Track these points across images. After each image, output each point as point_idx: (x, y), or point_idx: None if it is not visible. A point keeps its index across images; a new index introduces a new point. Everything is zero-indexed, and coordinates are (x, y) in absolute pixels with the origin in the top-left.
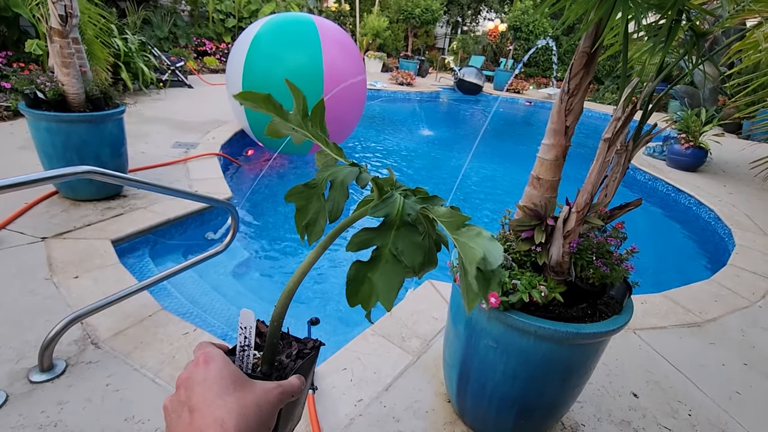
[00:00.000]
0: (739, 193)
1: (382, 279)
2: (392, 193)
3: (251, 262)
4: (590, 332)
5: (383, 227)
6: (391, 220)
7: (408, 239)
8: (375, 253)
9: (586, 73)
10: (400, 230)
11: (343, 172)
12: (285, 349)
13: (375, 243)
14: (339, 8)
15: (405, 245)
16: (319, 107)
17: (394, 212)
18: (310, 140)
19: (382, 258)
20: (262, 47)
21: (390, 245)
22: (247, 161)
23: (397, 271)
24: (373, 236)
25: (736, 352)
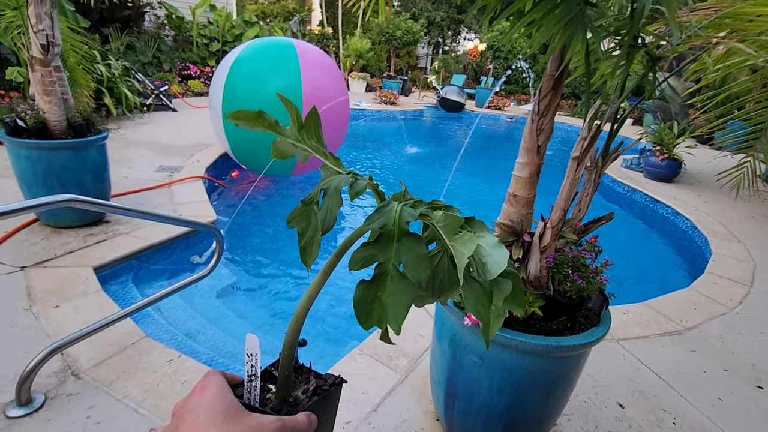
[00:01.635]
0: (714, 202)
1: (391, 299)
2: (389, 201)
3: (237, 286)
4: (570, 345)
5: (382, 240)
6: (389, 230)
7: (412, 252)
8: (378, 270)
9: (555, 94)
10: (402, 242)
11: (337, 179)
12: (302, 384)
13: (377, 259)
14: (322, 31)
15: (409, 259)
16: (311, 117)
17: (390, 221)
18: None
19: (387, 275)
20: (243, 71)
21: (393, 260)
22: (232, 183)
23: (404, 290)
24: (375, 251)
25: (717, 359)
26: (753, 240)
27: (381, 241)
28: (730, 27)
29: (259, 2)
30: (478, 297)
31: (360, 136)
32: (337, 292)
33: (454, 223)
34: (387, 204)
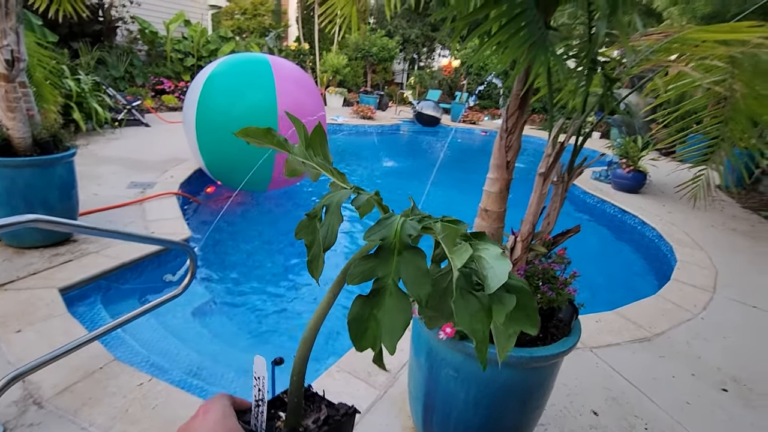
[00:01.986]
0: (677, 212)
1: (387, 316)
2: (391, 214)
3: (213, 304)
4: (543, 355)
5: (382, 253)
6: (390, 243)
7: (412, 266)
8: (377, 285)
9: (521, 112)
10: (403, 255)
11: (338, 195)
12: (312, 413)
13: (377, 273)
14: (299, 47)
15: (409, 273)
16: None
17: (391, 234)
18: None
19: (386, 291)
20: (217, 86)
21: (392, 274)
22: (207, 199)
23: (402, 307)
24: (374, 265)
25: (684, 364)
26: (714, 247)
27: (381, 255)
28: (679, 51)
29: (235, 18)
30: (475, 313)
31: (338, 150)
32: (317, 304)
33: (452, 233)
34: (389, 216)
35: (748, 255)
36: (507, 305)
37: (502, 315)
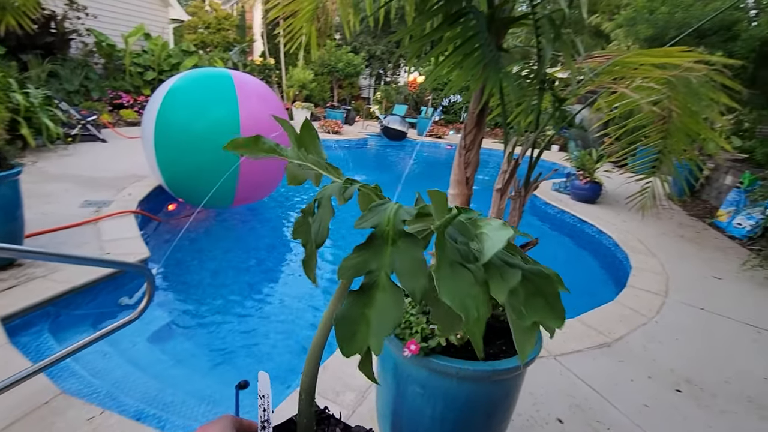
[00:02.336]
0: (631, 220)
1: (377, 312)
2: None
3: (174, 327)
4: (506, 368)
5: (375, 242)
6: (383, 231)
7: (407, 256)
8: (368, 279)
9: (478, 130)
10: (397, 245)
11: (330, 188)
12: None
13: (369, 266)
14: (264, 62)
15: (404, 265)
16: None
17: (384, 221)
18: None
19: (378, 285)
20: (177, 100)
21: (386, 266)
22: (168, 217)
23: (394, 302)
24: (367, 257)
25: (641, 367)
26: (665, 254)
27: (374, 245)
28: (620, 73)
29: (199, 32)
30: (466, 287)
31: None
32: (290, 327)
33: (441, 200)
34: (382, 203)
35: (695, 260)
36: (509, 280)
37: (503, 291)
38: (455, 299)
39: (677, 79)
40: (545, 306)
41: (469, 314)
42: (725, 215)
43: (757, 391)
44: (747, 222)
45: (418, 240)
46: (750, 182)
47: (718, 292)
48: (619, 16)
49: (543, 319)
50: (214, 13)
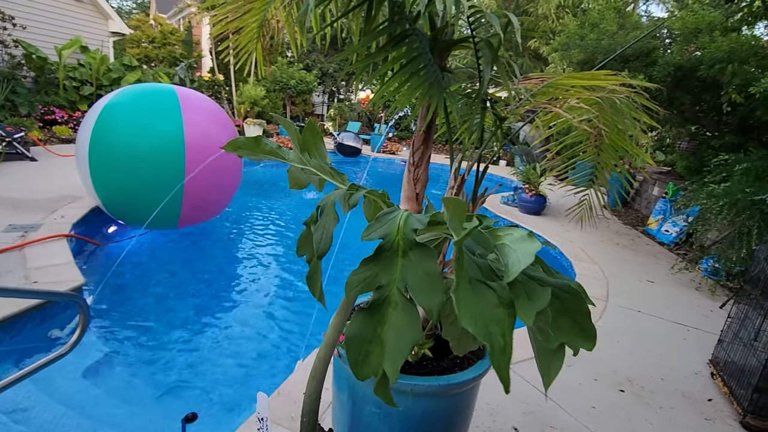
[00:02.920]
0: (574, 230)
1: (392, 333)
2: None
3: (113, 359)
4: (461, 381)
5: (384, 254)
6: (393, 242)
7: (420, 269)
8: (378, 294)
9: (426, 147)
10: (409, 257)
11: (334, 195)
12: None
13: (379, 281)
14: (213, 78)
15: (417, 279)
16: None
17: (393, 231)
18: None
19: (390, 302)
20: (115, 117)
21: (397, 281)
22: (107, 240)
23: (410, 321)
24: (376, 271)
25: (588, 370)
26: (604, 261)
27: (383, 257)
28: (553, 94)
29: (143, 46)
30: (489, 310)
31: (258, 182)
32: (241, 352)
33: (460, 208)
34: (390, 211)
35: (631, 266)
36: (537, 301)
37: (530, 313)
38: (478, 325)
39: (604, 100)
40: (573, 326)
41: (494, 343)
42: (654, 223)
43: (688, 386)
44: (673, 229)
45: (432, 251)
46: (673, 192)
47: (652, 295)
48: (554, 41)
49: (571, 341)
50: (159, 27)
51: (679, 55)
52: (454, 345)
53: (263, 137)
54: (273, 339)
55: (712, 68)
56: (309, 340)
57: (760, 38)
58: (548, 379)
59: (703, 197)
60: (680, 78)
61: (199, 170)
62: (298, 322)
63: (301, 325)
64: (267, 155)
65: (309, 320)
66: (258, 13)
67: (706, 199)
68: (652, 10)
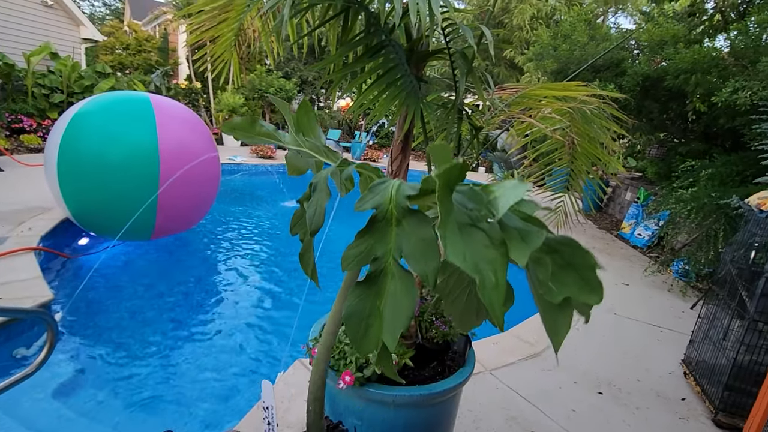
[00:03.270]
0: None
1: (391, 304)
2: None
3: (85, 378)
4: (442, 390)
5: (378, 225)
6: (386, 211)
7: (415, 236)
8: (375, 266)
9: (404, 156)
10: (402, 225)
11: (325, 172)
12: None
13: (375, 252)
14: (190, 85)
15: (411, 246)
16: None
17: (386, 199)
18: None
19: (387, 273)
20: (85, 126)
21: (393, 251)
22: (78, 253)
23: (406, 289)
24: (371, 243)
25: (567, 374)
26: None
27: (377, 227)
28: (527, 104)
29: (117, 53)
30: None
31: (236, 190)
32: (221, 366)
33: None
34: (383, 181)
35: (607, 269)
36: (531, 241)
37: (524, 253)
38: (467, 261)
39: (575, 110)
40: (578, 280)
41: (485, 278)
42: (628, 227)
43: (663, 386)
44: (645, 232)
45: (426, 217)
46: (645, 197)
47: (627, 297)
48: (529, 51)
49: (576, 295)
50: (133, 34)
51: (646, 66)
52: (457, 323)
53: (259, 119)
54: (253, 351)
55: (678, 78)
56: (290, 350)
57: (720, 50)
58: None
59: (672, 202)
60: (648, 87)
61: (173, 180)
62: (279, 333)
63: (281, 336)
64: (263, 137)
65: (290, 331)
66: (233, 22)
67: (675, 203)
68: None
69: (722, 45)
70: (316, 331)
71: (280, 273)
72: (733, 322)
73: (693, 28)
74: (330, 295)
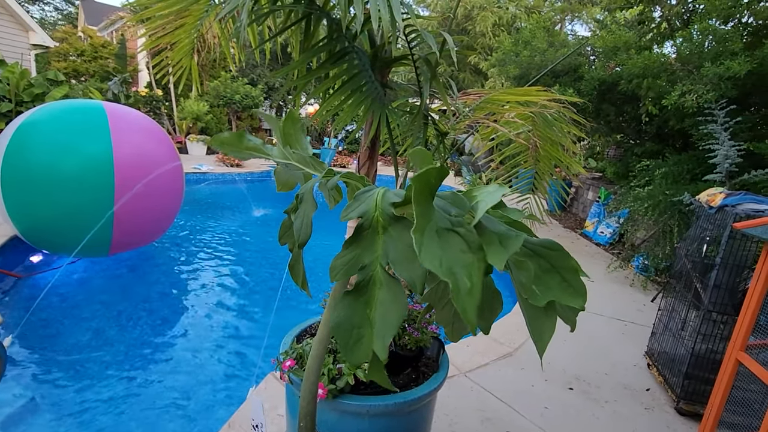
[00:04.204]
0: None
1: (381, 312)
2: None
3: (39, 405)
4: (416, 397)
5: (364, 233)
6: (372, 219)
7: (401, 243)
8: (362, 275)
9: (372, 162)
10: (389, 232)
11: (310, 182)
12: None
13: (362, 261)
14: (150, 93)
15: (398, 252)
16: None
17: (371, 207)
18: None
19: (375, 282)
20: (32, 138)
21: (380, 258)
22: (30, 271)
23: (395, 296)
24: (358, 252)
25: (539, 372)
26: None
27: (363, 236)
28: (490, 109)
29: (70, 60)
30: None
31: (202, 200)
32: (188, 385)
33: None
34: (368, 189)
35: None
36: (508, 246)
37: (502, 257)
38: (442, 266)
39: (536, 114)
40: (562, 283)
41: (458, 282)
42: (591, 225)
43: (629, 378)
44: (607, 230)
45: (411, 223)
46: (605, 196)
47: (592, 293)
48: (492, 57)
49: (560, 298)
50: (89, 40)
51: (602, 71)
52: (448, 331)
53: (246, 132)
54: (223, 367)
55: (631, 83)
56: (262, 366)
57: (668, 56)
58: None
59: (631, 200)
60: (604, 91)
61: (130, 194)
62: (250, 348)
63: (252, 350)
64: (250, 151)
65: (261, 343)
66: (191, 27)
67: (633, 201)
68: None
69: (670, 51)
70: (287, 344)
71: (250, 285)
72: (690, 313)
73: (643, 35)
74: (304, 307)
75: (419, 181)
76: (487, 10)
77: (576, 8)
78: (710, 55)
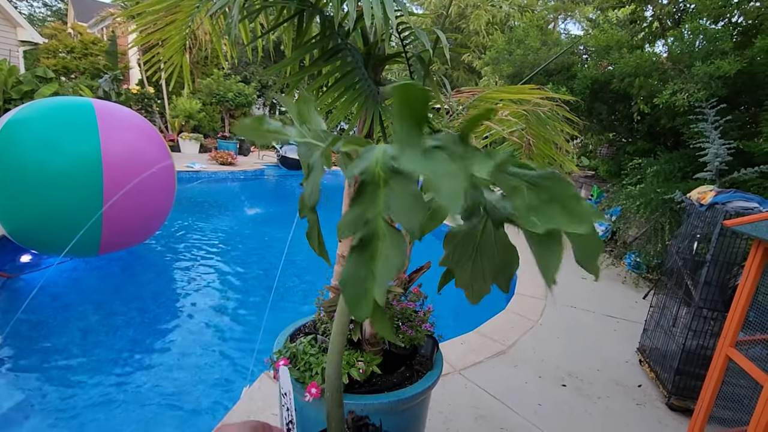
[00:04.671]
0: (513, 235)
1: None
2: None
3: (29, 408)
4: (411, 395)
5: (367, 189)
6: (373, 174)
7: (402, 194)
8: (366, 230)
9: None
10: (390, 185)
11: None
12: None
13: (366, 216)
14: (142, 90)
15: (399, 203)
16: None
17: (372, 162)
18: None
19: (378, 235)
20: (17, 137)
21: (382, 212)
22: (19, 271)
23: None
24: (363, 208)
25: (532, 369)
26: None
27: (366, 192)
28: (484, 107)
29: (60, 56)
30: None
31: (195, 199)
32: (183, 384)
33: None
34: (369, 148)
35: (566, 264)
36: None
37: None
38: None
39: (530, 112)
40: (563, 211)
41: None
42: None
43: (621, 375)
44: (599, 228)
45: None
46: (598, 194)
47: (585, 291)
48: (486, 55)
49: (563, 226)
50: (78, 36)
51: (594, 70)
52: (469, 294)
53: (266, 117)
54: (216, 367)
55: (623, 81)
56: (255, 365)
57: (659, 55)
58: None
59: (623, 198)
60: (597, 90)
61: (120, 194)
62: (243, 347)
63: (245, 350)
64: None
65: (254, 344)
66: (181, 24)
67: (625, 199)
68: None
69: (661, 50)
70: (280, 343)
71: (243, 284)
72: (681, 309)
73: (635, 35)
74: (294, 306)
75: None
76: (481, 8)
77: (569, 7)
78: (701, 55)
